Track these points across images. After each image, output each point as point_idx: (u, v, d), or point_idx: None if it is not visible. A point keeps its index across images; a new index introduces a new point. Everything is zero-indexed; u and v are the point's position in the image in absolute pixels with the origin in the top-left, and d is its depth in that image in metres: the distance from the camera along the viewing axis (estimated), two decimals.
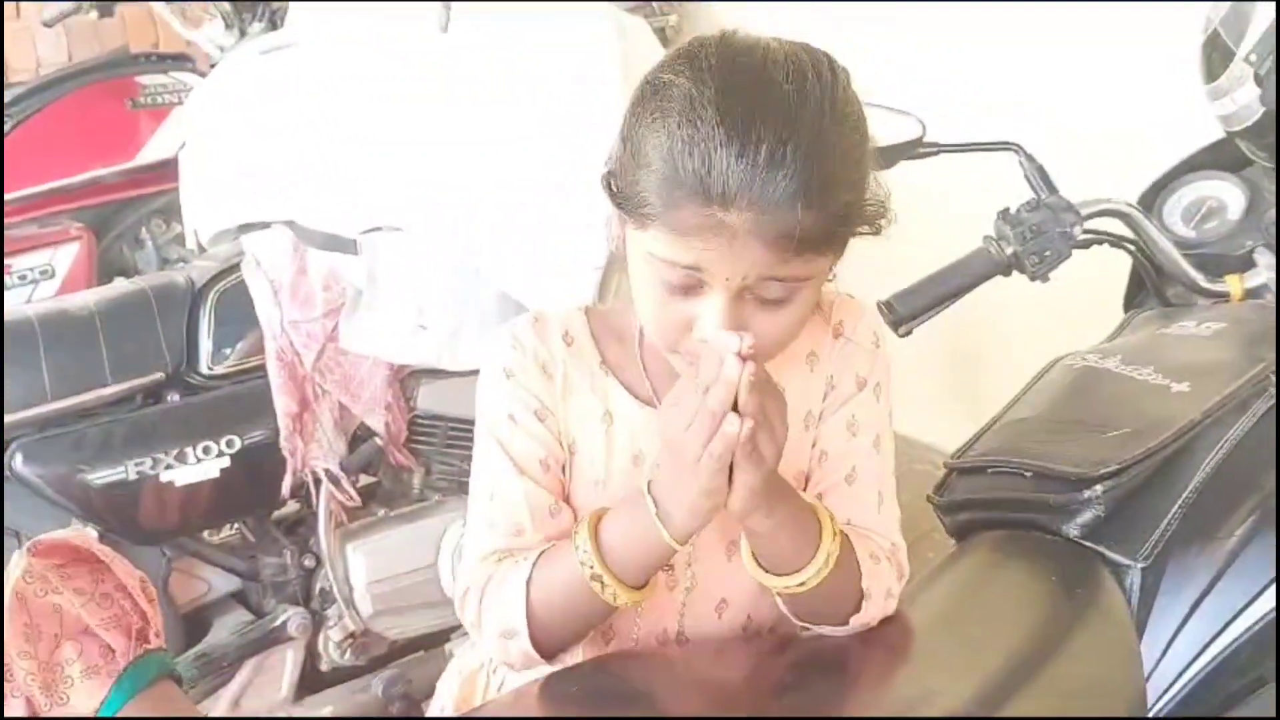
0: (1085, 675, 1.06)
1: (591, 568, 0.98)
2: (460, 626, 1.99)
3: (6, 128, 2.62)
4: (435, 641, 2.02)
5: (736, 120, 0.88)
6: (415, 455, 2.00)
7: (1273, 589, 1.15)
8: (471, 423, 1.94)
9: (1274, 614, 1.15)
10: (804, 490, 1.09)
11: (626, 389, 1.09)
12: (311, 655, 1.99)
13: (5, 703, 0.80)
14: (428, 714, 1.35)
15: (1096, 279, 1.70)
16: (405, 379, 1.96)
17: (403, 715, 1.91)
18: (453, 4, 1.80)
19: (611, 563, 0.99)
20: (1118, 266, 1.70)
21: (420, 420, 1.99)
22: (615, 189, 0.97)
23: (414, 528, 1.98)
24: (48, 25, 3.20)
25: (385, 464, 2.01)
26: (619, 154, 0.98)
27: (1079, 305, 1.79)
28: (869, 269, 1.10)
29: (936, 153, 1.50)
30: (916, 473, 1.96)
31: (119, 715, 0.80)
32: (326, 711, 1.98)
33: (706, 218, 0.89)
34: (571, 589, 1.00)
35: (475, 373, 1.93)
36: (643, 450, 1.08)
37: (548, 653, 1.03)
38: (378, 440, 1.96)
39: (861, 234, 0.97)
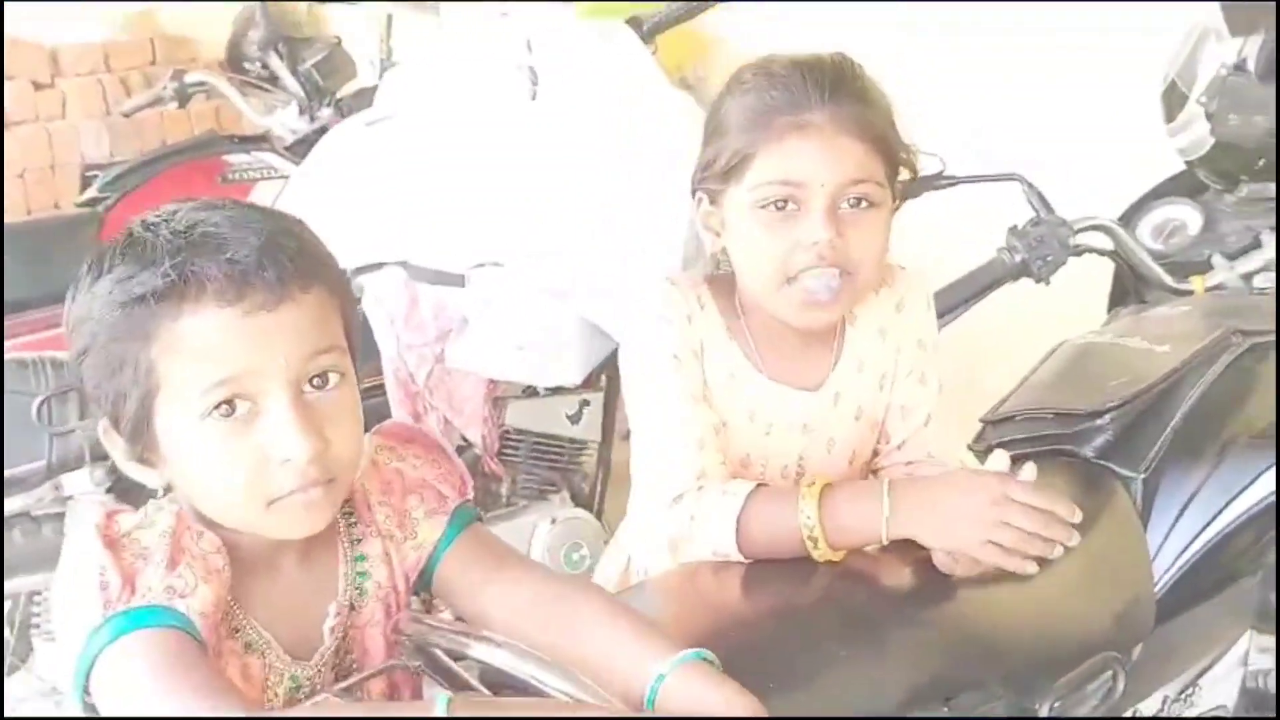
0: (1106, 551, 1.38)
1: (811, 530, 1.17)
2: None
3: (110, 201, 2.92)
4: None
5: (806, 62, 1.23)
6: (504, 466, 2.30)
7: (1245, 495, 1.48)
8: (554, 438, 2.27)
9: (1244, 518, 1.47)
10: (880, 440, 1.40)
11: (745, 357, 1.32)
12: None
13: (364, 540, 1.03)
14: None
15: (1083, 294, 2.07)
16: (496, 400, 2.26)
17: None
18: (539, 76, 2.15)
19: (828, 530, 1.18)
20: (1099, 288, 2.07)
21: (508, 436, 2.29)
22: (711, 171, 1.27)
23: (505, 526, 2.25)
24: (126, 116, 3.54)
25: (479, 473, 2.30)
26: (702, 158, 1.29)
27: (1070, 318, 2.14)
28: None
29: (954, 184, 1.85)
30: None
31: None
32: None
33: (797, 122, 1.20)
34: (782, 534, 1.18)
35: (559, 391, 2.24)
36: (755, 411, 1.32)
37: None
38: (475, 451, 2.25)
39: (903, 177, 1.28)
